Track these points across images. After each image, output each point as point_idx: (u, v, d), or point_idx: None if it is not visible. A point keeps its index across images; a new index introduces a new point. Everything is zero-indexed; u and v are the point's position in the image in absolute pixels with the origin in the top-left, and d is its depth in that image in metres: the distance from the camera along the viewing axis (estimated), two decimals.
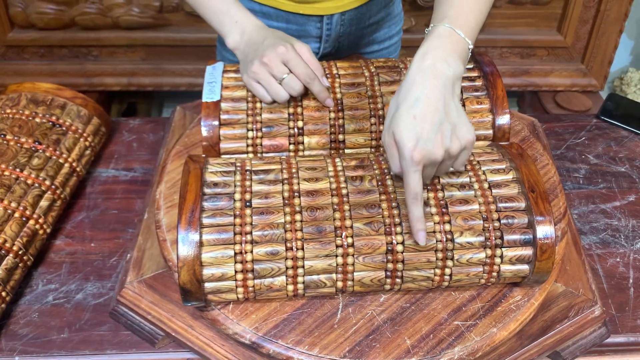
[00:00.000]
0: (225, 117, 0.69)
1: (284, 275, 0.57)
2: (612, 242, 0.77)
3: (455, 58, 0.58)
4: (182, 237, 0.55)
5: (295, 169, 0.63)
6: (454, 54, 0.58)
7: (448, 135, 0.55)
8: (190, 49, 1.66)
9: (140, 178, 0.84)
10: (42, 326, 0.67)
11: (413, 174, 0.55)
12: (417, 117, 0.55)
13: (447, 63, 0.57)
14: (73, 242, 0.76)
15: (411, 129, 0.54)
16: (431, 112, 0.55)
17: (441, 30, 0.59)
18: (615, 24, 1.64)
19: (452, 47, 0.59)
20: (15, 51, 1.66)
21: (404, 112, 0.55)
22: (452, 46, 0.59)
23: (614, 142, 0.91)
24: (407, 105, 0.56)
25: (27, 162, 0.74)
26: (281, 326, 0.59)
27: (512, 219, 0.59)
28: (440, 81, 0.56)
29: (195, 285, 0.56)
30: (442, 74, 0.56)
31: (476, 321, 0.60)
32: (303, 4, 0.83)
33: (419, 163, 0.54)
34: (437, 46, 0.58)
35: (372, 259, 0.58)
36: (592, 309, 0.65)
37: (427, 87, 0.56)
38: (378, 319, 0.59)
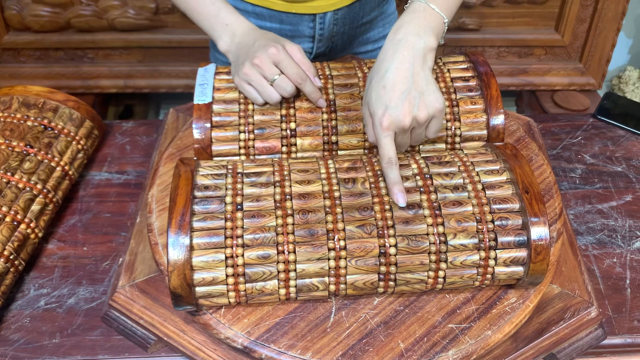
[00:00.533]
0: (217, 119, 0.68)
1: (276, 279, 0.57)
2: (608, 242, 0.76)
3: (427, 31, 0.61)
4: (172, 241, 0.55)
5: (287, 171, 0.62)
6: (427, 27, 0.62)
7: (416, 103, 0.59)
8: (187, 50, 1.66)
9: (133, 181, 0.83)
10: (34, 331, 0.66)
11: (384, 139, 0.59)
12: (386, 87, 0.59)
13: (418, 36, 0.61)
14: (65, 246, 0.75)
15: (380, 98, 0.59)
16: (399, 82, 0.59)
17: (416, 6, 0.63)
18: (613, 22, 1.64)
19: (425, 22, 0.62)
20: (11, 54, 1.65)
21: (375, 83, 0.60)
22: (425, 20, 0.62)
23: (610, 141, 0.91)
24: (378, 77, 0.60)
25: (19, 166, 0.74)
26: (273, 330, 0.58)
27: (506, 220, 0.58)
28: (410, 52, 0.60)
29: (186, 289, 0.55)
30: (412, 46, 0.60)
31: (471, 324, 0.59)
32: (295, 2, 0.83)
33: (388, 129, 0.59)
34: (410, 21, 0.62)
35: (364, 261, 0.57)
36: (588, 311, 0.64)
37: (397, 59, 0.60)
38: (371, 323, 0.59)
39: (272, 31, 0.86)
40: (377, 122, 0.59)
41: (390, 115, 0.58)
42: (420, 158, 0.64)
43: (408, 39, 0.60)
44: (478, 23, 1.65)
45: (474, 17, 1.64)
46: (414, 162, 0.64)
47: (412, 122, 0.59)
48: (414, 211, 0.59)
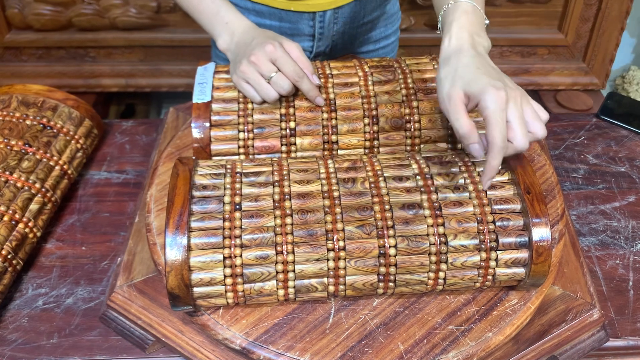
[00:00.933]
0: (216, 119, 0.68)
1: (274, 280, 0.56)
2: (611, 243, 0.75)
3: (485, 32, 0.63)
4: (169, 241, 0.54)
5: (286, 171, 0.62)
6: (483, 29, 0.63)
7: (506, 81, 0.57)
8: (188, 49, 1.66)
9: (132, 180, 0.83)
10: (32, 331, 0.66)
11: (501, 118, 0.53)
12: (480, 68, 0.57)
13: (480, 37, 0.61)
14: (64, 245, 0.75)
15: (485, 75, 0.56)
16: (489, 65, 0.58)
17: (466, 7, 0.62)
18: (617, 21, 1.63)
19: (479, 23, 0.63)
20: (12, 53, 1.65)
21: (468, 69, 0.57)
22: (478, 22, 0.63)
23: (613, 141, 0.90)
24: (464, 63, 0.58)
25: (17, 165, 0.73)
26: (272, 331, 0.58)
27: (508, 221, 0.58)
28: (488, 61, 0.60)
29: (183, 290, 0.55)
30: (481, 47, 0.61)
31: (471, 325, 0.58)
32: (295, 0, 0.82)
33: (507, 101, 0.54)
34: (470, 22, 0.62)
35: (364, 262, 0.57)
36: (590, 312, 0.63)
37: (474, 55, 0.59)
38: (371, 324, 0.58)
39: (271, 29, 0.86)
40: (494, 95, 0.54)
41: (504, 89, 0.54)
42: (421, 158, 0.64)
43: (474, 39, 0.60)
44: None
45: None
46: (415, 162, 0.63)
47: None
48: (414, 211, 0.58)
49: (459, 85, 0.56)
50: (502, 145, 0.53)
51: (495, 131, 0.53)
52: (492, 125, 0.53)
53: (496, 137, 0.53)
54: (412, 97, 0.69)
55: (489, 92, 0.54)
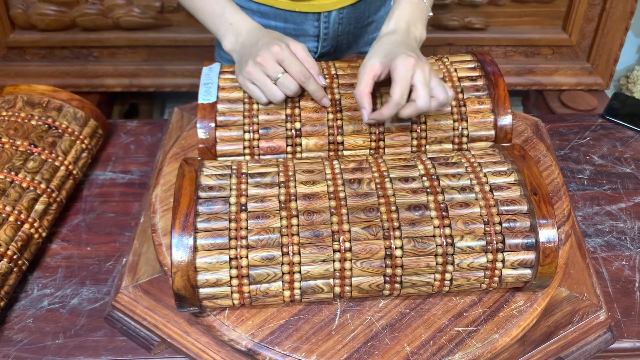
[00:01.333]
0: (221, 119, 0.68)
1: (280, 281, 0.56)
2: (617, 244, 0.75)
3: (423, 25, 0.71)
4: (176, 242, 0.54)
5: (292, 172, 0.62)
6: (422, 20, 0.71)
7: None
8: (192, 49, 1.65)
9: (137, 181, 0.83)
10: (37, 332, 0.66)
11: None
12: (400, 46, 0.64)
13: (416, 27, 0.69)
14: (69, 246, 0.75)
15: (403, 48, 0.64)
16: (412, 47, 0.66)
17: None
18: (621, 21, 1.62)
19: (419, 14, 0.70)
20: (16, 52, 1.65)
21: (391, 45, 0.65)
22: (420, 13, 0.70)
23: (619, 142, 0.90)
24: (390, 41, 0.66)
25: (23, 165, 0.73)
26: (278, 332, 0.57)
27: (514, 222, 0.58)
28: (414, 45, 0.67)
29: (189, 291, 0.55)
30: (413, 36, 0.69)
31: (477, 327, 0.58)
32: (299, 0, 0.82)
33: (415, 67, 0.61)
34: (410, 12, 0.69)
35: (370, 263, 0.56)
36: (597, 314, 0.63)
37: (403, 39, 0.66)
38: (377, 325, 0.58)
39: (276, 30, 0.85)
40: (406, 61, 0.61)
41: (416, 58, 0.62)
42: (427, 159, 0.63)
43: (410, 29, 0.68)
44: (485, 22, 1.63)
45: (480, 16, 1.62)
46: (421, 163, 0.63)
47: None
48: (421, 212, 0.58)
49: (377, 57, 0.63)
50: (398, 101, 0.60)
51: (397, 88, 0.60)
52: (395, 83, 0.61)
53: (396, 93, 0.60)
54: None
55: (399, 57, 0.61)
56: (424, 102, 0.61)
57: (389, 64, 0.62)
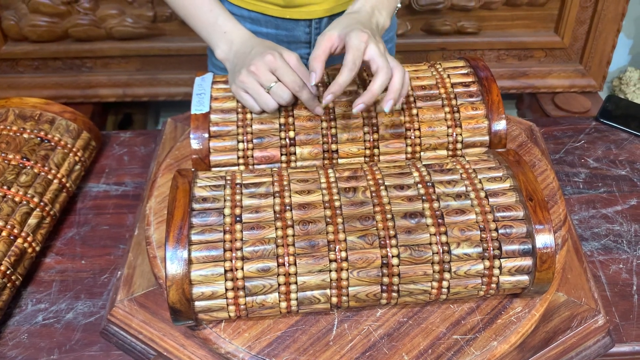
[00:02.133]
0: (214, 129, 0.68)
1: (277, 292, 0.56)
2: (614, 247, 0.75)
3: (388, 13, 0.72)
4: (170, 255, 0.54)
5: (286, 181, 0.61)
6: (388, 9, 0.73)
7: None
8: (185, 58, 1.65)
9: (131, 192, 0.83)
10: (32, 347, 0.65)
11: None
12: (359, 23, 0.65)
13: (380, 14, 0.71)
14: (63, 259, 0.74)
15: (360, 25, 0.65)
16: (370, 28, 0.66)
17: None
18: (613, 23, 1.63)
19: (387, 2, 0.72)
20: (9, 64, 1.65)
21: (350, 21, 0.66)
22: (387, 1, 0.72)
23: (613, 144, 0.90)
24: (350, 18, 0.67)
25: (15, 179, 0.73)
26: (275, 344, 0.57)
27: (510, 228, 0.57)
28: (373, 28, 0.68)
29: (184, 304, 0.54)
30: (375, 21, 0.70)
31: (476, 335, 0.58)
32: (289, 8, 0.82)
33: (368, 41, 0.62)
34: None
35: (366, 273, 0.56)
36: (595, 319, 0.63)
37: (364, 19, 0.67)
38: (375, 335, 0.58)
39: (268, 36, 0.85)
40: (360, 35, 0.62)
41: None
42: (421, 166, 0.63)
43: (374, 13, 0.69)
44: (477, 26, 1.64)
45: (472, 20, 1.63)
46: (416, 170, 0.63)
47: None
48: (417, 220, 0.57)
49: (335, 29, 0.64)
50: (351, 67, 0.61)
51: (349, 55, 0.61)
52: (347, 50, 0.61)
53: (348, 59, 0.61)
54: (412, 105, 0.69)
55: (355, 31, 0.62)
56: (386, 71, 0.61)
57: (344, 37, 0.63)
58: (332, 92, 0.62)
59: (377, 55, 0.62)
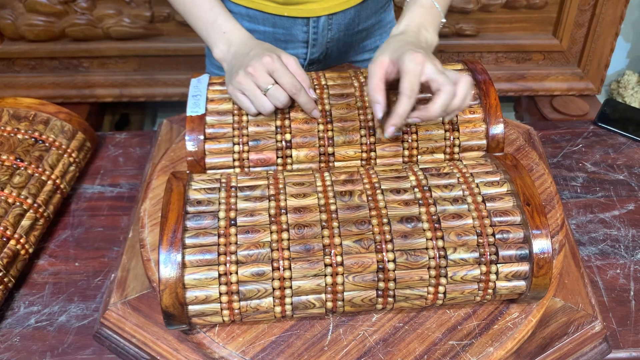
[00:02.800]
0: (210, 131, 0.67)
1: (271, 297, 0.55)
2: (611, 252, 0.74)
3: (435, 29, 0.69)
4: (163, 258, 0.53)
5: (282, 185, 0.61)
6: (434, 26, 0.69)
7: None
8: (183, 58, 1.65)
9: (126, 194, 0.82)
10: (24, 350, 0.64)
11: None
12: (410, 44, 0.62)
13: (427, 31, 0.67)
14: (57, 261, 0.73)
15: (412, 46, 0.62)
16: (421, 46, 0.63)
17: (424, 2, 0.68)
18: (611, 26, 1.63)
19: (431, 19, 0.68)
20: (5, 64, 1.64)
21: (400, 43, 0.63)
22: (432, 18, 0.68)
23: (611, 149, 0.89)
24: (399, 40, 0.64)
25: (8, 180, 0.72)
26: (269, 349, 0.56)
27: (507, 233, 0.57)
28: (423, 46, 0.65)
29: (178, 308, 0.53)
30: (424, 39, 0.66)
31: (472, 340, 0.57)
32: (287, 5, 0.82)
33: (424, 62, 0.59)
34: (421, 15, 0.68)
35: (362, 277, 0.55)
36: (592, 325, 0.63)
37: (413, 39, 0.65)
38: (370, 340, 0.57)
39: (265, 34, 0.85)
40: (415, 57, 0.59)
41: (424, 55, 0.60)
42: (418, 170, 0.63)
43: (421, 32, 0.66)
44: (476, 29, 1.64)
45: (471, 22, 1.63)
46: (412, 173, 0.62)
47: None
48: (413, 224, 0.57)
49: (386, 54, 0.62)
50: (409, 94, 0.58)
51: (406, 81, 0.58)
52: (403, 76, 0.58)
53: (405, 86, 0.58)
54: None
55: (407, 53, 0.59)
56: (448, 89, 0.58)
57: (397, 61, 0.60)
58: (394, 125, 0.59)
59: (436, 73, 0.58)
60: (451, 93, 0.58)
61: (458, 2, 1.57)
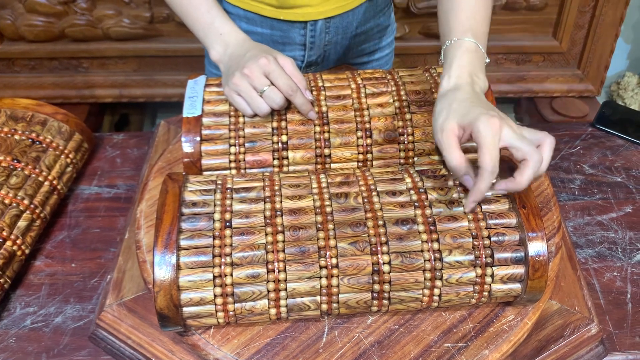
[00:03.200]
0: (206, 133, 0.67)
1: (266, 299, 0.55)
2: (608, 255, 0.74)
3: (483, 73, 0.63)
4: (158, 260, 0.53)
5: (278, 186, 0.61)
6: (482, 69, 0.63)
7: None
8: (182, 59, 1.65)
9: (123, 195, 0.82)
10: (19, 351, 0.64)
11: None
12: (474, 102, 0.57)
13: (478, 78, 0.62)
14: (53, 262, 0.73)
15: (480, 107, 0.56)
16: (484, 102, 0.59)
17: (468, 45, 0.63)
18: (611, 28, 1.62)
19: (479, 63, 0.63)
20: (5, 64, 1.64)
21: (463, 103, 0.57)
22: (479, 61, 0.63)
23: (609, 151, 0.89)
24: (460, 99, 0.58)
25: (5, 181, 0.72)
26: (264, 351, 0.56)
27: (503, 236, 0.57)
28: (484, 99, 0.60)
29: (172, 310, 0.53)
30: (478, 87, 0.61)
31: (467, 343, 0.57)
32: (284, 9, 0.82)
33: (501, 127, 0.54)
34: (470, 62, 0.62)
35: (357, 280, 0.55)
36: (588, 327, 0.62)
37: (470, 92, 0.59)
38: (365, 342, 0.57)
39: (262, 36, 0.85)
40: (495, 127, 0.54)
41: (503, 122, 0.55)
42: (414, 172, 0.63)
43: (474, 80, 0.61)
44: None
45: None
46: (408, 175, 0.62)
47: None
48: (408, 227, 0.57)
49: (452, 118, 0.56)
50: (492, 170, 0.53)
51: (486, 155, 0.53)
52: (482, 149, 0.53)
53: (486, 161, 0.53)
54: (405, 110, 0.69)
55: (481, 119, 0.53)
56: (536, 159, 0.53)
57: (470, 126, 0.54)
58: (474, 200, 0.55)
59: (517, 139, 0.53)
60: (539, 162, 0.54)
61: None
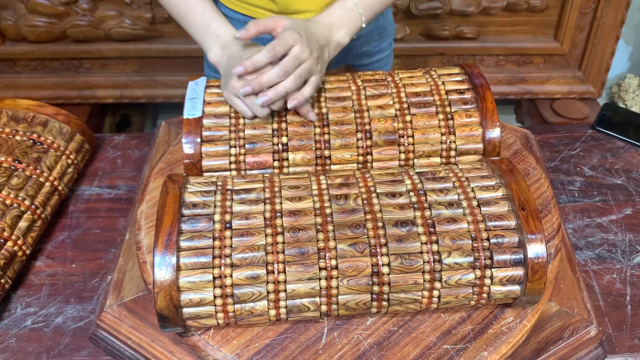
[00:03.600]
0: (207, 134, 0.67)
1: (266, 300, 0.55)
2: (608, 257, 0.74)
3: (346, 31, 0.72)
4: (158, 261, 0.53)
5: (278, 188, 0.61)
6: (349, 29, 0.72)
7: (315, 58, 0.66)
8: (183, 60, 1.65)
9: (124, 196, 0.82)
10: (20, 352, 0.65)
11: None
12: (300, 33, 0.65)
13: (338, 32, 0.71)
14: (54, 263, 0.74)
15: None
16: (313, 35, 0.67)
17: (347, 4, 0.72)
18: (612, 30, 1.62)
19: (348, 21, 0.72)
20: (7, 64, 1.65)
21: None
22: (349, 20, 0.72)
23: (609, 153, 0.89)
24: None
25: (6, 182, 0.72)
26: (263, 352, 0.56)
27: (502, 238, 0.57)
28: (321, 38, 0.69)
29: (172, 311, 0.54)
30: (335, 39, 0.71)
31: (466, 345, 0.57)
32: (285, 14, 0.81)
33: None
34: (338, 15, 0.72)
35: (356, 281, 0.56)
36: (587, 329, 0.62)
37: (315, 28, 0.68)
38: (364, 344, 0.57)
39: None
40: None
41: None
42: (414, 174, 0.63)
43: (332, 28, 0.70)
44: (476, 32, 1.64)
45: (472, 25, 1.63)
46: (408, 177, 0.62)
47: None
48: (408, 229, 0.57)
49: (288, 22, 0.66)
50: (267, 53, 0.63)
51: (270, 44, 0.64)
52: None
53: (267, 47, 0.63)
54: (405, 112, 0.69)
55: (291, 30, 0.64)
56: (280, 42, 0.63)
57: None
58: (250, 63, 0.64)
59: (288, 31, 0.64)
60: (283, 46, 0.63)
61: (459, 5, 1.57)
